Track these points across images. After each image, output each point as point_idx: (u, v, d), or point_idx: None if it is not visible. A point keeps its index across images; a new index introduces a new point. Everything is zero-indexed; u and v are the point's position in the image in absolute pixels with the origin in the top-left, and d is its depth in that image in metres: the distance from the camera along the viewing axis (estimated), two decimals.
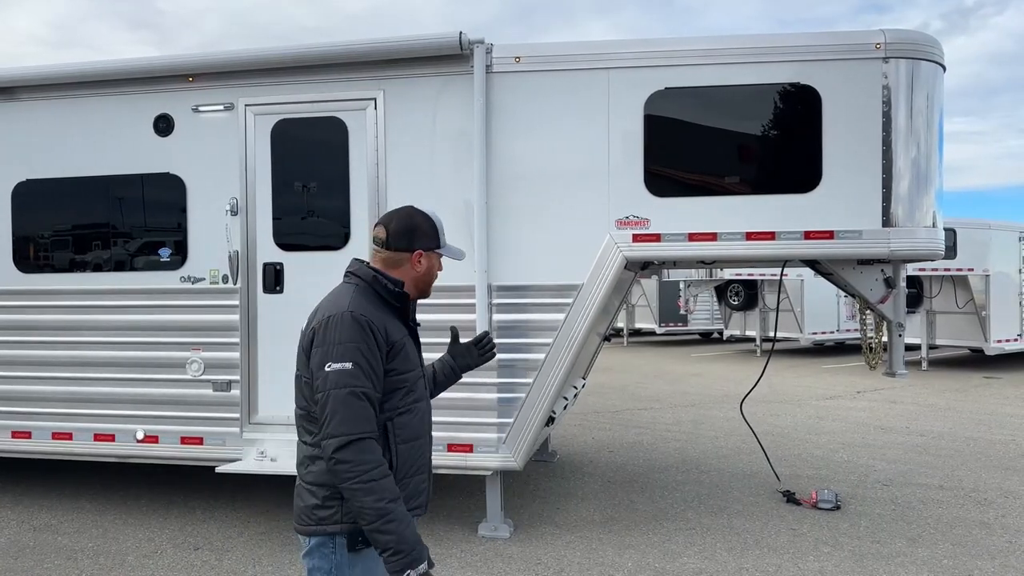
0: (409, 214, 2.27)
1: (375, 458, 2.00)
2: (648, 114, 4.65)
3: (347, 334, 2.05)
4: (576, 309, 4.69)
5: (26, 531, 5.09)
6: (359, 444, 1.99)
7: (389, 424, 2.12)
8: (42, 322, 5.37)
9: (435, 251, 2.28)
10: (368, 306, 2.13)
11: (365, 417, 2.02)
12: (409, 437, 2.17)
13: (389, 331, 2.13)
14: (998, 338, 12.95)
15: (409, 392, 2.19)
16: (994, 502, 5.61)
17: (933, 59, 4.65)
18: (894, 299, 4.98)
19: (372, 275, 2.20)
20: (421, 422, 2.23)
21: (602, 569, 4.36)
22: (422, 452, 2.24)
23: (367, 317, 2.09)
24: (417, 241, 2.24)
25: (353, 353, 2.04)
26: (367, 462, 1.98)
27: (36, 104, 5.35)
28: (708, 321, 19.68)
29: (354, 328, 2.06)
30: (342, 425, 1.99)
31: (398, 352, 2.14)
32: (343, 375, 2.02)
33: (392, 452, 2.12)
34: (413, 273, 2.26)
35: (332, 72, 4.93)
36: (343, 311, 2.08)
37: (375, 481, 1.97)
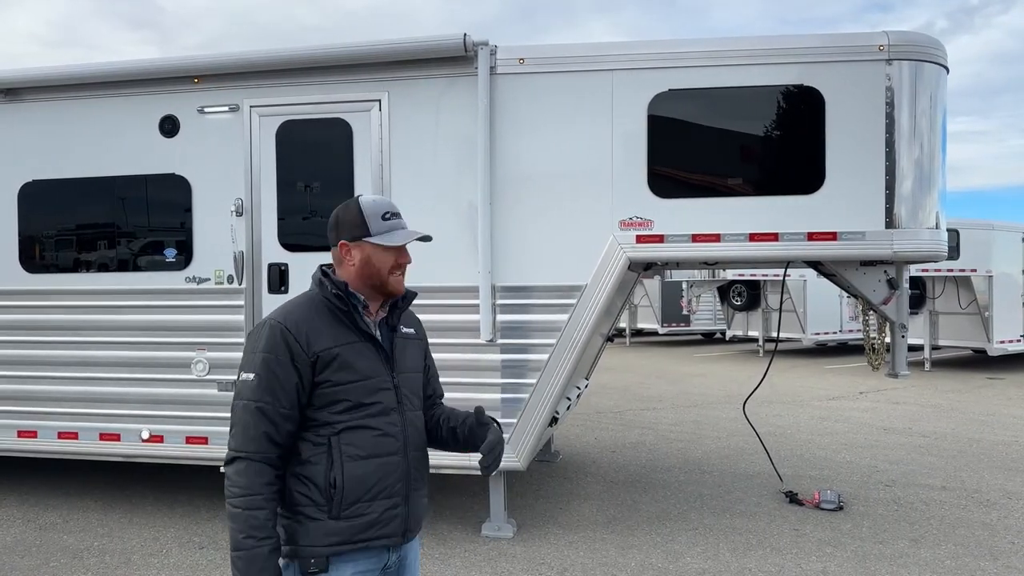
0: (344, 205, 2.08)
1: (251, 483, 1.87)
2: (652, 115, 4.66)
3: (261, 343, 1.94)
4: (580, 310, 4.71)
5: (32, 530, 5.12)
6: (239, 464, 1.89)
7: (334, 439, 1.95)
8: (48, 322, 5.39)
9: (362, 240, 2.02)
10: (302, 313, 1.98)
11: (253, 436, 1.89)
12: (362, 455, 1.95)
13: (313, 341, 1.94)
14: (1001, 339, 12.95)
15: (357, 407, 1.97)
16: (997, 503, 5.62)
17: (936, 61, 4.66)
18: (897, 300, 4.99)
19: (319, 278, 2.05)
20: (382, 440, 1.99)
21: (605, 569, 4.38)
22: (386, 474, 1.99)
23: (284, 325, 1.94)
24: (341, 233, 2.04)
25: (259, 364, 1.92)
26: (239, 485, 1.87)
27: (42, 105, 5.37)
28: (711, 321, 19.70)
29: (268, 337, 1.93)
30: (233, 439, 1.91)
31: (328, 362, 1.95)
32: (244, 386, 1.92)
33: (338, 470, 1.93)
34: (350, 269, 2.05)
35: (337, 73, 4.95)
36: (268, 319, 1.98)
37: (240, 510, 1.86)
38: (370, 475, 1.97)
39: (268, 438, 1.90)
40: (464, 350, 4.81)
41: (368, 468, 1.96)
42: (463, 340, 4.81)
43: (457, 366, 4.82)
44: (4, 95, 5.37)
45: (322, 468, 1.95)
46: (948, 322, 13.59)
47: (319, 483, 1.94)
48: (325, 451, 1.95)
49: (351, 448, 1.95)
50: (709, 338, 20.89)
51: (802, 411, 9.62)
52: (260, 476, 1.89)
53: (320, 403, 1.96)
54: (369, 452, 1.97)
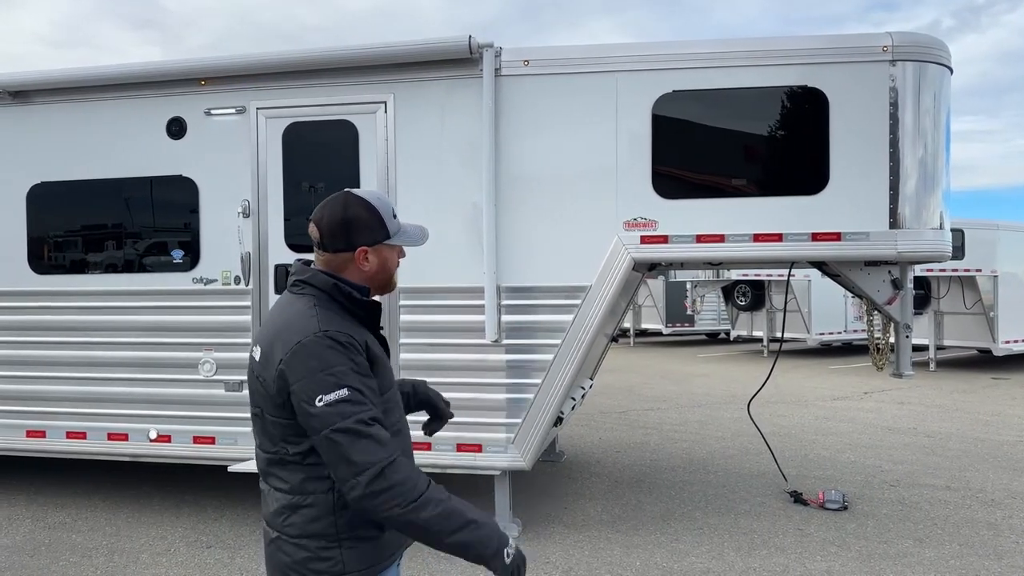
0: (343, 204, 1.86)
1: (408, 473, 1.71)
2: (656, 116, 4.68)
3: (331, 359, 1.73)
4: (584, 310, 4.73)
5: (41, 529, 5.15)
6: (389, 468, 1.68)
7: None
8: (56, 323, 5.43)
9: (383, 244, 1.89)
10: (337, 321, 1.81)
11: (380, 440, 1.70)
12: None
13: (368, 344, 1.83)
14: (1006, 339, 12.93)
15: (390, 411, 1.87)
16: (1001, 503, 5.62)
17: (940, 61, 4.67)
18: (901, 300, 5.00)
19: (332, 283, 1.85)
20: (407, 441, 1.93)
21: (610, 568, 4.40)
22: None
23: (345, 333, 1.78)
24: (358, 237, 1.85)
25: (345, 378, 1.72)
26: (403, 481, 1.69)
27: (50, 107, 5.42)
28: (715, 322, 19.68)
29: (335, 349, 1.74)
30: (363, 458, 1.68)
31: (380, 368, 1.85)
32: (342, 406, 1.70)
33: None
34: (362, 274, 1.89)
35: (343, 76, 4.98)
36: (315, 333, 1.76)
37: (422, 494, 1.69)
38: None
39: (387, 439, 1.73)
40: (469, 350, 4.83)
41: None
42: (468, 340, 4.83)
43: (462, 366, 4.85)
44: (13, 97, 5.41)
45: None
46: (953, 322, 13.57)
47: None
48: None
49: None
50: (713, 338, 20.88)
51: (806, 411, 9.62)
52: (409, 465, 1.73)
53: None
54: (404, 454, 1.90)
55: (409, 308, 4.90)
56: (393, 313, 4.93)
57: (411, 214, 4.92)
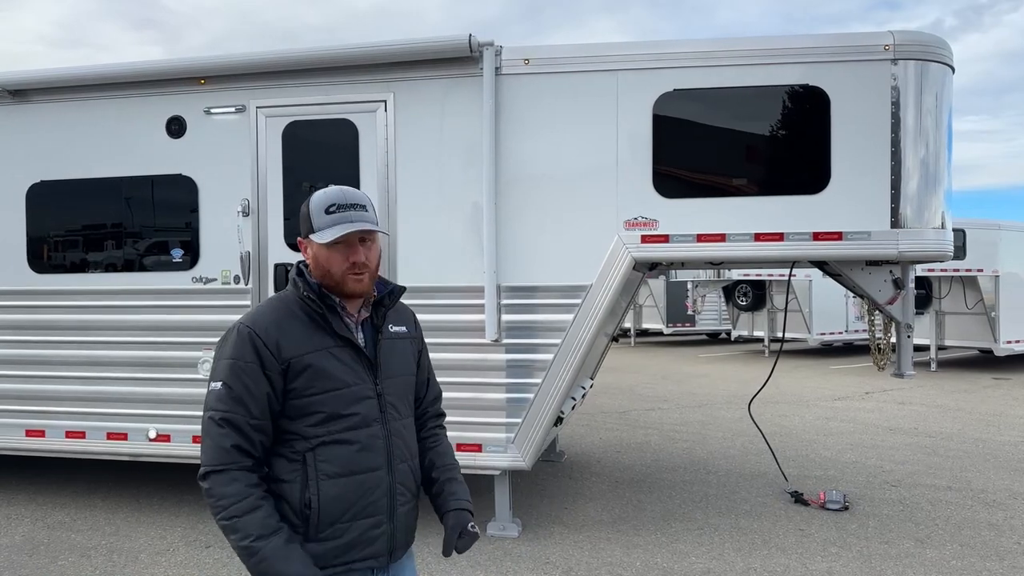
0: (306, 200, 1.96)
1: (236, 491, 1.74)
2: (657, 115, 4.67)
3: (227, 350, 1.82)
4: (585, 310, 4.71)
5: (40, 528, 5.15)
6: (217, 476, 1.75)
7: (308, 455, 1.82)
8: (55, 322, 5.42)
9: (308, 237, 1.90)
10: (275, 315, 1.85)
11: (224, 447, 1.76)
12: (339, 472, 1.82)
13: (284, 346, 1.81)
14: (1007, 339, 12.90)
15: (333, 418, 1.83)
16: (1003, 503, 5.61)
17: (942, 60, 4.65)
18: (903, 300, 4.98)
19: (294, 277, 1.92)
20: (362, 455, 1.84)
21: (610, 569, 4.38)
22: (367, 491, 1.85)
23: (252, 329, 1.81)
24: (302, 227, 1.92)
25: (225, 372, 1.80)
26: (225, 496, 1.74)
27: (50, 106, 5.41)
28: (716, 321, 19.66)
29: (235, 343, 1.81)
30: (204, 454, 1.78)
31: (300, 371, 1.81)
32: (211, 397, 1.80)
33: (313, 490, 1.81)
34: (312, 265, 1.92)
35: (342, 74, 4.97)
36: (239, 323, 1.85)
37: (237, 517, 1.72)
38: (349, 494, 1.83)
39: (239, 450, 1.77)
40: (469, 350, 4.82)
41: (347, 487, 1.83)
42: (468, 340, 4.82)
43: (462, 366, 4.83)
44: (12, 96, 5.41)
45: (297, 487, 1.82)
46: (954, 322, 13.55)
47: (294, 503, 1.81)
48: (300, 468, 1.82)
49: (327, 465, 1.82)
50: (714, 338, 20.86)
51: (807, 411, 9.61)
52: (244, 480, 1.76)
53: (294, 414, 1.83)
54: (347, 469, 1.83)
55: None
56: None
57: (411, 213, 4.91)
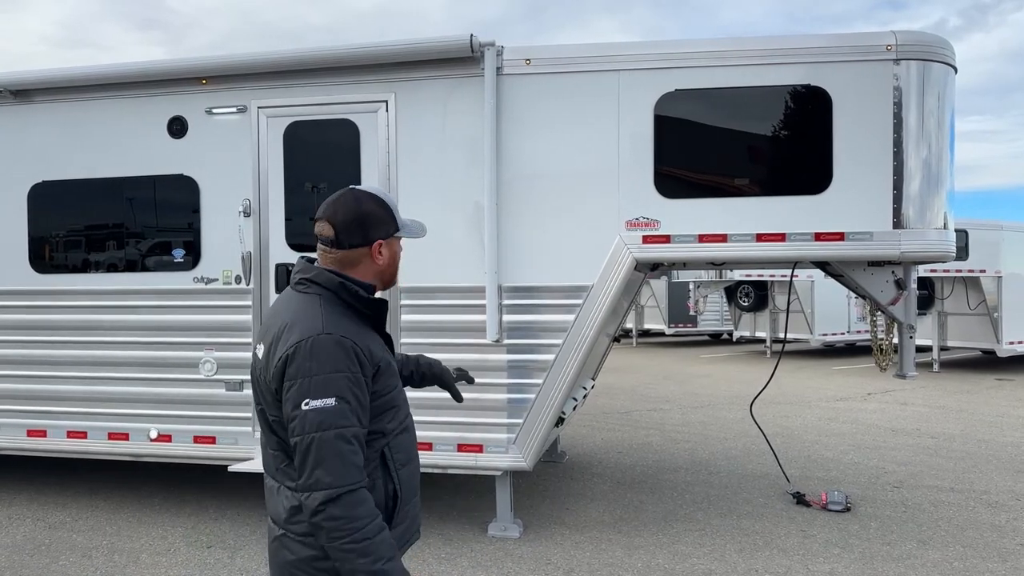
0: (356, 199, 1.87)
1: (368, 511, 1.71)
2: (658, 115, 4.66)
3: (329, 363, 1.72)
4: (586, 310, 4.71)
5: (41, 528, 5.15)
6: (350, 497, 1.69)
7: (386, 450, 1.85)
8: (57, 322, 5.43)
9: (395, 236, 1.92)
10: (344, 322, 1.80)
11: (355, 464, 1.71)
12: (406, 460, 1.91)
13: (372, 350, 1.81)
14: (1010, 340, 12.87)
15: (399, 410, 1.90)
16: (1006, 505, 5.59)
17: (944, 60, 4.64)
18: (905, 301, 4.97)
19: (338, 281, 1.84)
20: (413, 440, 1.97)
21: (611, 570, 4.38)
22: (417, 473, 1.98)
23: (350, 339, 1.76)
24: (374, 231, 1.87)
25: (338, 386, 1.71)
26: (360, 518, 1.69)
27: (52, 106, 5.41)
28: (718, 322, 19.63)
29: (337, 354, 1.73)
30: (329, 475, 1.68)
31: (384, 370, 1.84)
32: (327, 414, 1.69)
33: (395, 480, 1.86)
34: (375, 268, 1.90)
35: (344, 75, 4.97)
36: (318, 333, 1.74)
37: (369, 540, 1.68)
38: (411, 478, 1.93)
39: (361, 465, 1.74)
40: (470, 350, 4.82)
41: (410, 472, 1.93)
42: (469, 340, 4.81)
43: (463, 366, 4.80)
44: (14, 96, 5.41)
45: (380, 481, 1.84)
46: (957, 323, 13.52)
47: (379, 498, 1.83)
48: (378, 462, 1.84)
49: (399, 455, 1.89)
50: (716, 339, 20.84)
51: (809, 412, 9.59)
52: (368, 501, 1.73)
53: (375, 413, 1.82)
54: (409, 456, 1.93)
55: (410, 307, 4.88)
56: (394, 312, 4.91)
57: (413, 213, 4.90)
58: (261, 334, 1.87)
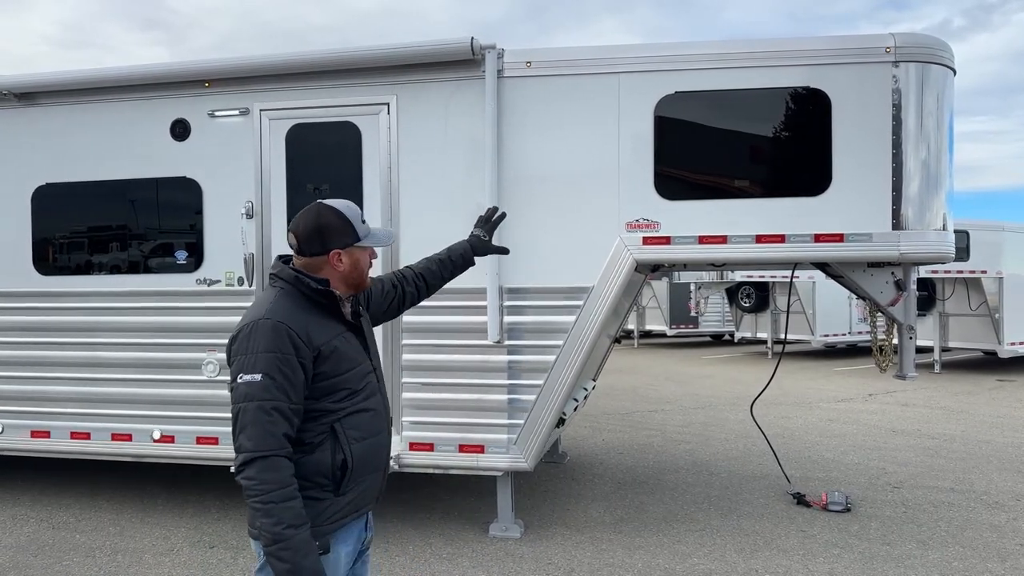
0: (316, 213, 2.15)
1: (279, 478, 1.92)
2: (658, 117, 4.68)
3: (262, 343, 1.97)
4: (587, 311, 4.73)
5: (45, 529, 5.17)
6: (263, 462, 1.92)
7: (337, 426, 2.07)
8: (60, 323, 5.45)
9: (354, 246, 2.17)
10: (291, 310, 2.05)
11: (273, 433, 1.94)
12: (363, 436, 2.12)
13: (313, 335, 2.03)
14: (1011, 340, 12.87)
15: (354, 393, 2.11)
16: (1006, 505, 5.61)
17: (943, 62, 4.66)
18: (904, 301, 4.98)
19: (294, 276, 2.10)
20: (375, 420, 2.17)
21: (612, 570, 4.40)
22: (379, 450, 2.19)
23: (285, 324, 2.00)
24: (330, 241, 2.13)
25: (266, 363, 1.96)
26: (268, 481, 1.91)
27: (56, 109, 5.44)
28: (719, 323, 19.64)
29: (269, 336, 1.98)
30: (249, 440, 1.93)
31: (328, 355, 2.06)
32: (253, 387, 1.95)
33: (346, 453, 2.06)
34: (337, 274, 2.16)
35: (346, 77, 4.99)
36: (260, 318, 2.01)
37: (275, 504, 1.89)
38: (369, 452, 2.14)
39: (285, 434, 1.97)
40: (471, 351, 4.84)
41: (368, 447, 2.14)
42: (470, 341, 4.84)
43: (464, 367, 4.85)
44: (18, 99, 5.44)
45: (327, 451, 2.06)
46: (958, 324, 13.53)
47: (324, 467, 2.05)
48: (327, 436, 2.06)
49: (354, 431, 2.10)
50: (717, 340, 20.85)
51: (810, 413, 9.60)
52: (286, 469, 1.95)
53: (320, 394, 2.06)
54: (368, 432, 2.14)
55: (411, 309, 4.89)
56: None
57: (414, 214, 4.93)
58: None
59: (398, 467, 4.88)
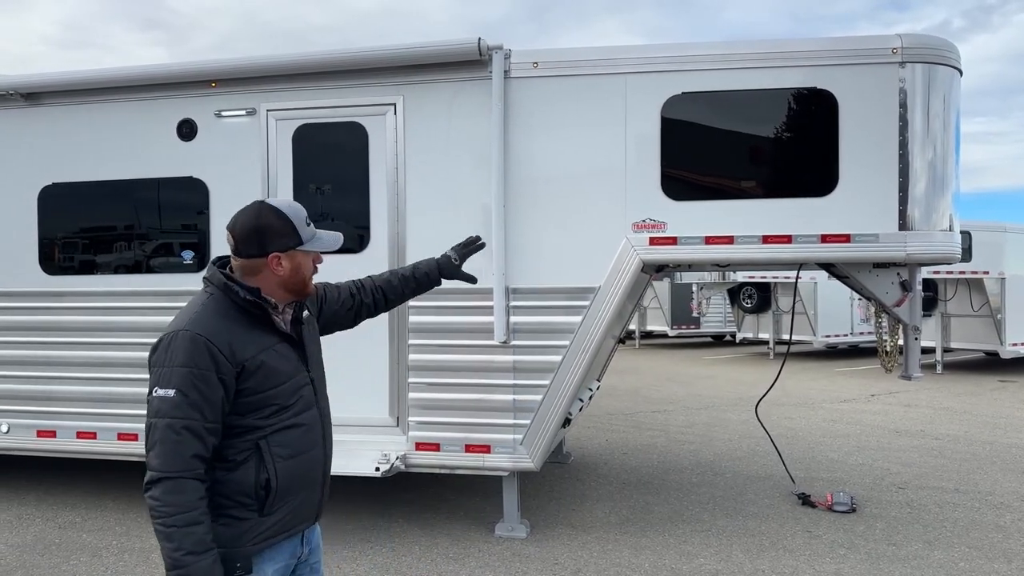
0: (256, 213, 2.00)
1: (183, 500, 1.80)
2: (665, 118, 4.69)
3: (179, 356, 1.84)
4: (593, 311, 4.73)
5: (51, 528, 5.18)
6: (169, 483, 1.80)
7: (263, 443, 1.94)
8: (67, 323, 5.46)
9: (296, 249, 2.01)
10: (217, 320, 1.92)
11: (180, 454, 1.81)
12: (292, 454, 1.99)
13: (237, 350, 1.90)
14: (1013, 341, 12.88)
15: (283, 409, 1.98)
16: (1011, 506, 5.61)
17: (949, 63, 4.67)
18: (910, 302, 4.99)
19: (223, 282, 1.97)
20: (307, 436, 2.04)
21: (619, 570, 4.40)
22: (312, 466, 2.06)
23: (205, 336, 1.87)
24: (270, 244, 1.98)
25: (181, 379, 1.83)
26: (171, 504, 1.79)
27: (62, 109, 5.45)
28: (720, 323, 19.66)
29: (187, 350, 1.85)
30: (156, 459, 1.82)
31: (253, 371, 1.92)
32: (165, 403, 1.83)
33: (270, 472, 1.94)
34: (276, 278, 2.00)
35: (352, 78, 5.00)
36: (180, 329, 1.88)
37: (176, 528, 1.79)
38: (298, 470, 2.01)
39: (197, 457, 1.84)
40: (478, 351, 4.84)
41: (298, 465, 2.01)
42: (477, 341, 4.84)
43: (471, 367, 4.86)
44: (25, 99, 5.45)
45: (251, 470, 1.93)
46: (960, 325, 13.53)
47: (247, 486, 1.93)
48: (252, 454, 1.94)
49: (280, 449, 1.97)
50: (719, 340, 20.85)
51: (813, 413, 9.61)
52: (193, 492, 1.83)
53: (244, 410, 1.93)
54: (297, 450, 2.01)
55: (418, 309, 4.91)
56: (402, 314, 4.94)
57: (421, 215, 4.94)
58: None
59: (404, 467, 4.89)
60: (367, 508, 5.50)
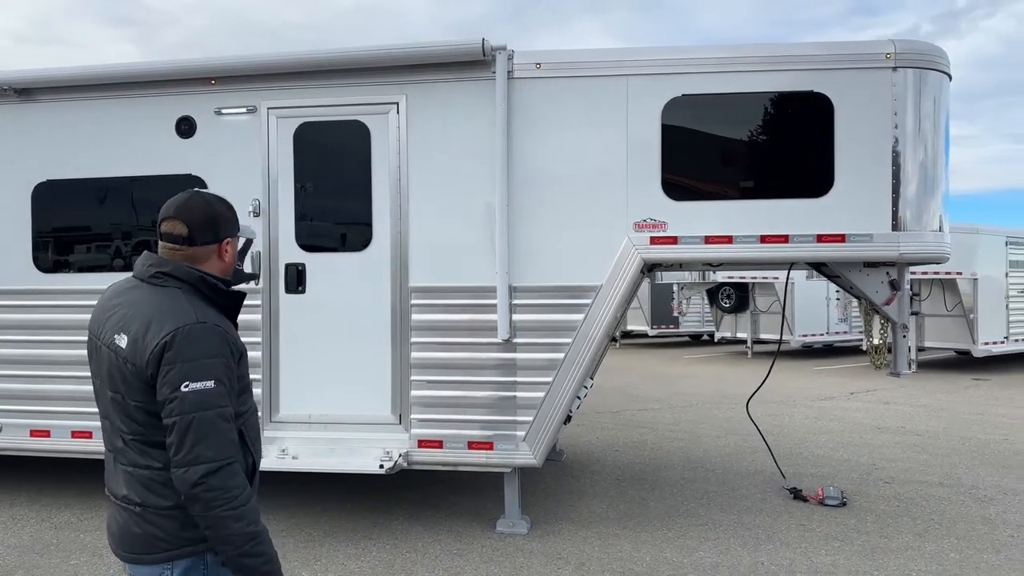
0: (206, 203, 2.05)
1: (241, 482, 1.88)
2: (666, 119, 4.77)
3: (207, 348, 1.88)
4: (595, 310, 4.80)
5: (47, 529, 5.12)
6: (228, 469, 1.86)
7: (243, 428, 2.00)
8: (61, 321, 5.39)
9: (236, 235, 2.12)
10: (210, 311, 1.97)
11: (230, 440, 1.89)
12: (256, 437, 2.09)
13: (236, 339, 2.00)
14: (985, 340, 13.21)
15: (250, 394, 2.08)
16: (994, 499, 5.78)
17: (940, 68, 4.81)
18: (898, 301, 5.13)
19: (198, 276, 1.98)
20: (255, 425, 2.12)
21: (621, 563, 4.47)
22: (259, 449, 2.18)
23: (222, 328, 1.94)
24: (223, 229, 2.04)
25: (216, 370, 1.87)
26: (235, 487, 1.86)
27: (57, 105, 5.39)
28: (699, 323, 19.88)
29: (213, 341, 1.89)
30: (210, 450, 1.84)
31: (241, 357, 2.01)
32: (208, 395, 1.85)
33: (252, 453, 2.03)
34: (221, 264, 2.06)
35: (354, 76, 5.01)
36: (194, 322, 1.89)
37: (244, 506, 1.86)
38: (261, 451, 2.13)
39: (236, 441, 1.92)
40: (481, 349, 4.89)
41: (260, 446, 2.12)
42: (481, 339, 4.88)
43: (474, 365, 4.90)
44: (18, 95, 5.38)
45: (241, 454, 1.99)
46: (934, 324, 13.84)
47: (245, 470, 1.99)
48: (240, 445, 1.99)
49: (252, 432, 2.06)
50: (697, 339, 21.08)
51: (796, 411, 9.78)
52: (240, 472, 1.91)
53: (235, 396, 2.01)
54: (257, 431, 2.11)
55: (421, 307, 4.94)
56: (406, 312, 4.97)
57: (423, 214, 4.97)
58: (120, 326, 1.93)
59: (407, 464, 4.92)
60: (369, 506, 5.52)
